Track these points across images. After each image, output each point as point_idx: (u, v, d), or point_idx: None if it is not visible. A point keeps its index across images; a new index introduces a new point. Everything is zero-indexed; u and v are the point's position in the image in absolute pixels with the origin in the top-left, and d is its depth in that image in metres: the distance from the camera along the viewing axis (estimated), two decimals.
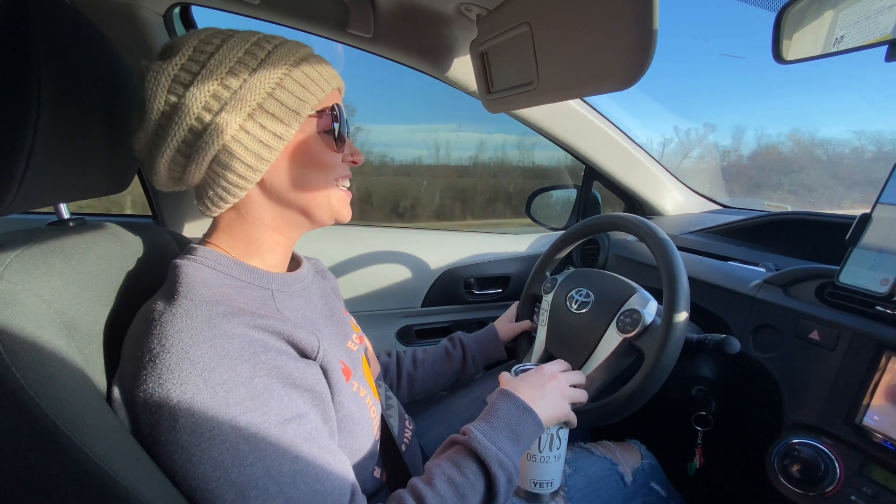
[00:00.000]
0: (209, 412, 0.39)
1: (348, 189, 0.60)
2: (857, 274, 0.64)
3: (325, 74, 0.53)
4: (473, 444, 0.52)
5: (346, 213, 0.59)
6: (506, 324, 0.97)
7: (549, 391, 0.61)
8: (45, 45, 0.41)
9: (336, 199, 0.57)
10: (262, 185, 0.53)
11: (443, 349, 0.91)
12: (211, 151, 0.48)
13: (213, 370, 0.40)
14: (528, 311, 0.98)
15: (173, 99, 0.47)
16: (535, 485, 0.62)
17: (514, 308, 1.00)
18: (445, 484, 0.50)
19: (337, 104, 0.55)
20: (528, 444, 0.57)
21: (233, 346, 0.42)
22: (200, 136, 0.47)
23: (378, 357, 0.89)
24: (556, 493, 0.65)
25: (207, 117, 0.47)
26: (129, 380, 0.41)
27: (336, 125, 0.54)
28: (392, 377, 0.87)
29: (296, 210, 0.55)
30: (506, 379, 0.64)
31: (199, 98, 0.46)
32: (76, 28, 0.48)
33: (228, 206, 0.52)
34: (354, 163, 0.59)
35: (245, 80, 0.47)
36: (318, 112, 0.53)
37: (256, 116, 0.48)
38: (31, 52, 0.40)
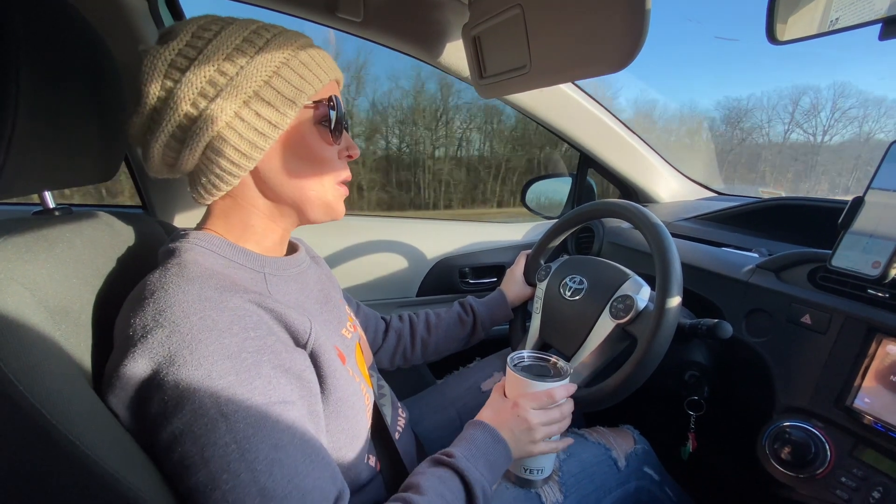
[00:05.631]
0: (192, 384, 0.39)
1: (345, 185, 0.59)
2: (849, 257, 0.64)
3: (323, 65, 0.53)
4: (460, 464, 0.53)
5: (341, 211, 0.59)
6: (513, 287, 0.98)
7: (520, 435, 0.59)
8: (25, 31, 0.40)
9: (330, 196, 0.57)
10: (256, 174, 0.52)
11: (455, 315, 0.93)
12: (205, 137, 0.48)
13: (200, 342, 0.40)
14: (534, 273, 0.96)
15: (169, 84, 0.47)
16: (526, 471, 0.63)
17: (518, 268, 0.99)
18: (437, 497, 0.49)
19: (334, 95, 0.54)
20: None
21: (223, 318, 0.42)
22: (195, 121, 0.47)
23: (389, 320, 0.90)
24: (548, 478, 0.65)
25: (203, 103, 0.47)
26: (119, 358, 0.40)
27: (333, 116, 0.53)
28: (405, 341, 0.89)
29: (288, 204, 0.55)
30: (487, 412, 0.62)
31: (195, 83, 0.46)
32: (58, 13, 0.47)
33: (221, 193, 0.52)
34: (350, 157, 0.58)
35: (242, 68, 0.47)
36: (314, 102, 0.53)
37: (252, 104, 0.48)
38: (9, 37, 0.39)
